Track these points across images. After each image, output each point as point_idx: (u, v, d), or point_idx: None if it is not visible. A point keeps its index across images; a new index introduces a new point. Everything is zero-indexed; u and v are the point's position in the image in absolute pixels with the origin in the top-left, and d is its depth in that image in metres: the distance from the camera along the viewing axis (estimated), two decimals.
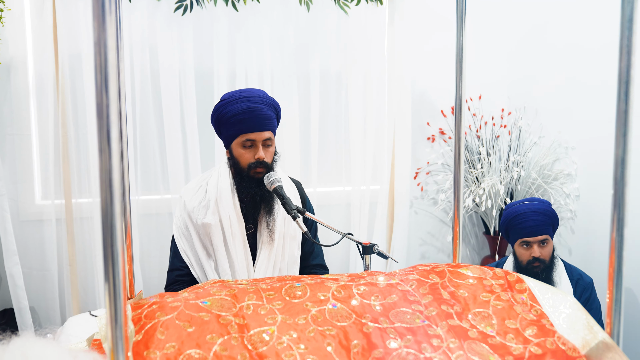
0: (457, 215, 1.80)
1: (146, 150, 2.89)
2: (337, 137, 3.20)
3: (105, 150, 0.90)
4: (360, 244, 1.93)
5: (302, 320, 1.20)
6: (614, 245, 1.15)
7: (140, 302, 1.30)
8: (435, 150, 3.48)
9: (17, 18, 2.62)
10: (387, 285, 1.33)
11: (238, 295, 1.27)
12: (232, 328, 1.16)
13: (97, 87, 0.89)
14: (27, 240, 2.78)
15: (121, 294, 0.93)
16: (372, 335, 1.17)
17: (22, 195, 2.79)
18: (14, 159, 2.76)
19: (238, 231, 2.01)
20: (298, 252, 2.13)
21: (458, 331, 1.21)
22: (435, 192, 3.52)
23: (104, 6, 0.89)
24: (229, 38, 2.86)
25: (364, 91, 3.13)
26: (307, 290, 1.29)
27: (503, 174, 3.28)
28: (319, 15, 2.97)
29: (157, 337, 1.11)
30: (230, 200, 2.01)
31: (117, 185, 0.90)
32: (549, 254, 2.37)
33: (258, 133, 1.96)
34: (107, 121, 0.90)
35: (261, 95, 2.00)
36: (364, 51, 3.08)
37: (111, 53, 0.89)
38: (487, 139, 3.43)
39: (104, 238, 0.92)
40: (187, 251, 2.04)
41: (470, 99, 3.48)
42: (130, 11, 2.71)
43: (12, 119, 2.73)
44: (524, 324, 1.24)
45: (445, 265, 1.46)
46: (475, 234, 3.66)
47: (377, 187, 3.23)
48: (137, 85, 2.79)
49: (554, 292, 1.36)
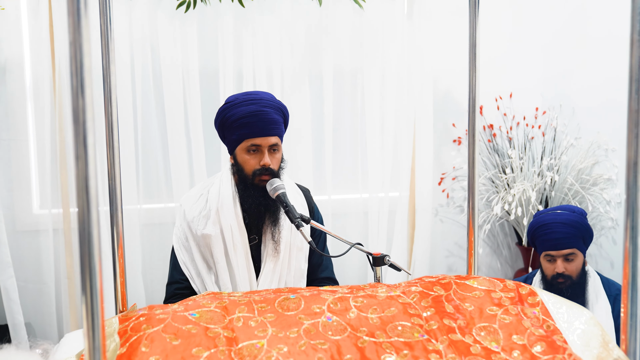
0: (471, 223, 1.84)
1: (148, 156, 2.97)
2: (353, 140, 3.24)
3: (81, 157, 0.96)
4: (371, 255, 1.96)
5: (294, 334, 1.25)
6: (627, 255, 1.18)
7: (129, 315, 1.37)
8: (461, 153, 3.50)
9: (12, 18, 2.74)
10: (387, 297, 1.37)
11: (229, 308, 1.32)
12: (220, 341, 1.22)
13: (73, 91, 0.95)
14: (23, 251, 2.89)
15: (99, 306, 0.99)
16: (366, 349, 1.21)
17: (18, 204, 2.90)
18: (10, 166, 2.87)
19: (240, 243, 2.06)
20: (305, 264, 2.17)
21: (459, 346, 1.24)
22: (463, 199, 3.53)
23: (78, 6, 0.95)
24: (235, 35, 2.93)
25: (382, 90, 3.17)
26: (302, 303, 1.34)
27: (536, 179, 3.29)
28: (332, 10, 3.02)
29: (140, 350, 1.17)
30: (232, 210, 2.06)
31: (94, 193, 0.97)
32: (576, 269, 2.35)
33: (264, 138, 2.02)
34: (83, 127, 0.96)
35: (268, 98, 2.05)
36: (381, 48, 3.13)
37: (86, 56, 0.95)
38: (519, 141, 3.44)
39: (81, 248, 0.97)
40: (187, 263, 2.10)
41: (500, 97, 3.49)
42: (130, 9, 2.81)
43: (7, 124, 2.84)
44: (532, 340, 1.27)
45: (452, 276, 1.49)
46: (508, 245, 3.66)
47: (396, 194, 3.26)
48: (138, 87, 2.88)
49: (570, 307, 1.38)
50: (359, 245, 1.98)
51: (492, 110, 3.50)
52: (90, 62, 0.96)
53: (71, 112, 0.96)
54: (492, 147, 3.46)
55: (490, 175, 3.42)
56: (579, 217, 2.36)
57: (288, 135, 3.07)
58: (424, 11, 3.14)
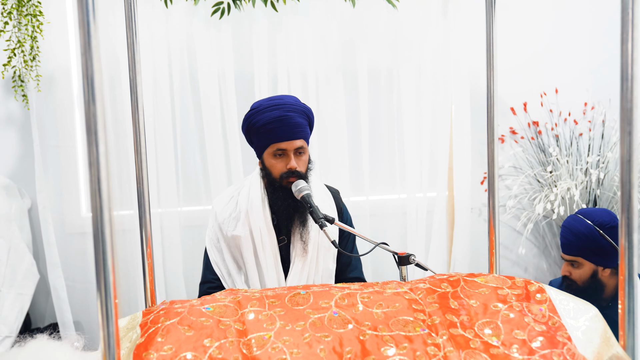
0: (492, 223, 1.90)
1: (187, 160, 3.14)
2: (389, 140, 3.32)
3: (94, 163, 1.10)
4: (396, 254, 2.05)
5: (300, 327, 1.36)
6: (623, 252, 1.23)
7: (151, 309, 1.51)
8: (505, 151, 3.53)
9: (57, 30, 2.96)
10: (394, 293, 1.46)
11: (242, 302, 1.45)
12: (231, 333, 1.34)
13: (85, 101, 1.08)
14: (71, 252, 3.11)
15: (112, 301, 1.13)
16: (367, 342, 1.31)
17: (67, 207, 3.13)
18: (59, 171, 3.10)
19: (268, 243, 2.18)
20: (333, 264, 2.27)
21: (459, 340, 1.32)
22: (507, 197, 3.55)
23: (87, 15, 1.06)
24: (269, 39, 3.07)
25: (418, 89, 3.23)
26: (311, 298, 1.45)
27: (581, 177, 3.28)
28: (365, 10, 3.11)
29: (156, 340, 1.31)
30: (261, 212, 2.19)
31: (106, 197, 1.10)
32: (580, 277, 2.35)
33: (289, 142, 2.13)
34: (95, 135, 1.09)
35: (292, 102, 2.17)
36: (416, 46, 3.19)
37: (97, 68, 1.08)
38: (565, 137, 3.44)
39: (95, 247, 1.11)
40: (219, 263, 2.23)
41: (544, 94, 3.49)
42: (167, 17, 2.99)
43: (56, 131, 3.07)
44: (532, 335, 1.33)
45: (463, 274, 1.57)
46: (557, 245, 3.65)
47: (434, 194, 3.32)
48: (176, 92, 3.05)
49: (577, 303, 1.44)
50: (384, 244, 2.06)
51: (537, 107, 3.51)
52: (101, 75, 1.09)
53: (84, 121, 1.08)
54: (536, 145, 3.47)
55: (535, 174, 3.43)
56: (588, 229, 2.30)
57: (324, 136, 3.19)
58: (459, 8, 3.19)
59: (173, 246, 3.10)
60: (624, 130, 1.22)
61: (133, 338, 1.38)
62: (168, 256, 3.12)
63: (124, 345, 1.38)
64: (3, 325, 2.72)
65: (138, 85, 1.75)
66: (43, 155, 3.03)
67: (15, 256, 2.83)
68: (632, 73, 1.20)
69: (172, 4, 2.91)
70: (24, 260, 2.87)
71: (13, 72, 2.90)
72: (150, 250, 1.81)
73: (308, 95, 3.13)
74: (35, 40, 2.87)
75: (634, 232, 1.22)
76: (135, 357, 1.28)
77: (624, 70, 1.21)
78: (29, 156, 3.05)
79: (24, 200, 3.02)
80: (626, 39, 1.20)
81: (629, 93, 1.21)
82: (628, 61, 1.21)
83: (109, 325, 1.11)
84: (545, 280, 3.65)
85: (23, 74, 2.89)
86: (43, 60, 2.95)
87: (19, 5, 2.80)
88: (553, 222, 3.56)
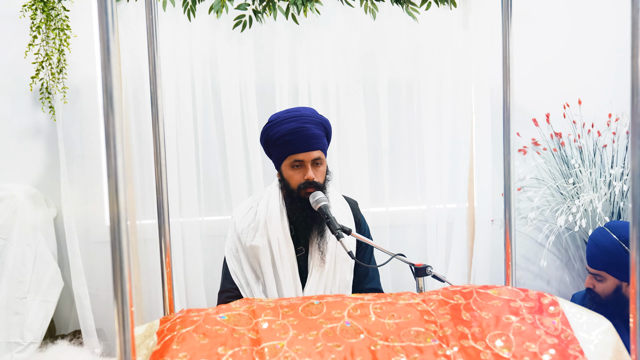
0: (508, 235, 1.90)
1: (209, 170, 3.20)
2: (409, 152, 3.33)
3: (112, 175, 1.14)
4: (413, 266, 2.06)
5: (312, 336, 1.38)
6: (634, 265, 1.23)
7: (168, 317, 1.55)
8: (527, 163, 3.52)
9: (83, 44, 3.04)
10: (406, 305, 1.48)
11: (256, 311, 1.48)
12: (244, 341, 1.37)
13: (105, 111, 1.12)
14: (95, 261, 3.18)
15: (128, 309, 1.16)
16: (378, 352, 1.33)
17: (91, 216, 3.20)
18: (85, 181, 3.17)
19: (286, 254, 2.22)
20: (350, 275, 2.30)
21: (470, 352, 1.33)
22: (529, 209, 3.54)
23: (107, 29, 1.11)
24: (290, 51, 3.12)
25: (438, 101, 3.25)
26: (324, 308, 1.48)
27: (604, 188, 3.26)
28: (386, 22, 3.15)
29: (172, 347, 1.35)
30: (279, 222, 2.22)
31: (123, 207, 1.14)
32: (603, 291, 2.32)
33: (306, 153, 2.17)
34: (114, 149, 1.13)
35: (308, 114, 2.21)
36: (437, 58, 3.21)
37: (116, 83, 1.13)
38: (589, 149, 3.42)
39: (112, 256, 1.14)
40: (237, 273, 2.27)
41: (567, 105, 3.48)
42: (190, 30, 3.05)
43: (82, 141, 3.15)
44: (544, 347, 1.34)
45: (476, 286, 1.58)
46: (580, 258, 3.63)
47: (454, 206, 3.32)
48: (198, 104, 3.11)
49: (590, 316, 1.44)
50: (401, 255, 2.08)
51: (559, 118, 3.49)
52: (120, 87, 1.14)
53: (104, 134, 1.13)
54: (559, 156, 3.45)
55: (557, 185, 3.42)
56: (613, 245, 2.26)
57: (345, 148, 3.22)
58: (480, 21, 3.20)
59: (194, 255, 3.15)
60: (634, 144, 1.22)
61: (150, 345, 1.42)
62: (189, 265, 3.17)
63: (141, 353, 1.42)
64: (28, 332, 2.79)
65: (159, 98, 1.80)
66: (69, 165, 3.11)
67: (40, 264, 2.91)
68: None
69: (195, 17, 2.98)
70: (49, 268, 2.94)
71: (41, 84, 2.99)
72: (169, 259, 1.85)
73: (329, 107, 3.16)
74: (62, 54, 2.96)
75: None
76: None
77: (634, 83, 1.22)
78: (55, 166, 3.13)
79: (50, 209, 3.10)
80: (636, 53, 1.21)
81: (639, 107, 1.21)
82: (638, 74, 1.21)
83: (125, 332, 1.15)
84: (568, 293, 3.62)
85: (50, 86, 2.98)
86: (70, 73, 3.04)
87: (47, 20, 2.89)
88: (576, 235, 3.54)
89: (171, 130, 3.06)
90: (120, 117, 1.12)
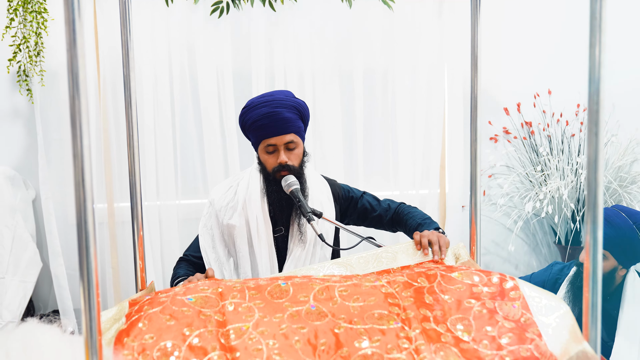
0: (474, 219, 1.91)
1: (186, 154, 3.17)
2: (383, 139, 3.33)
3: (78, 155, 1.12)
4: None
5: (277, 319, 1.38)
6: (588, 248, 1.25)
7: (137, 300, 1.54)
8: (498, 150, 3.54)
9: (61, 27, 2.99)
10: (371, 287, 1.48)
11: (223, 293, 1.47)
12: (211, 323, 1.36)
13: (70, 93, 1.09)
14: (73, 242, 3.14)
15: (94, 291, 1.15)
16: (341, 335, 1.33)
17: (69, 198, 3.16)
18: (62, 163, 3.13)
19: (264, 233, 2.21)
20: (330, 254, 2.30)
21: (431, 334, 1.34)
22: (499, 196, 3.57)
23: (73, 12, 1.08)
24: (267, 38, 3.09)
25: (412, 89, 3.25)
26: (290, 290, 1.47)
27: (570, 176, 3.29)
28: (362, 11, 3.13)
29: (137, 326, 1.33)
30: (258, 202, 2.21)
31: (89, 188, 1.13)
32: None
33: (279, 137, 2.15)
34: (79, 129, 1.11)
35: (281, 98, 2.18)
36: (411, 47, 3.21)
37: (81, 65, 1.10)
38: (557, 138, 3.44)
39: (78, 238, 1.12)
40: (208, 250, 2.25)
41: (537, 95, 3.50)
42: (167, 15, 3.01)
43: (59, 125, 3.10)
44: (502, 331, 1.35)
45: (441, 268, 1.58)
46: (547, 244, 3.67)
47: (426, 192, 3.33)
48: (175, 88, 3.08)
49: (550, 300, 1.45)
50: (371, 238, 2.09)
51: (530, 108, 3.51)
52: (85, 71, 1.11)
53: (69, 115, 1.10)
54: (529, 145, 3.48)
55: (526, 173, 3.44)
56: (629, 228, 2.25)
57: (319, 134, 3.20)
58: (453, 9, 3.20)
59: (171, 238, 3.13)
60: (590, 131, 1.24)
61: (119, 327, 1.41)
62: (166, 248, 3.15)
63: (110, 335, 1.40)
64: (6, 311, 2.76)
65: (132, 81, 1.77)
66: (47, 147, 3.07)
67: (19, 245, 2.88)
68: (599, 76, 1.22)
69: (173, 2, 2.94)
70: (28, 249, 2.91)
71: (18, 67, 2.94)
72: (142, 239, 1.83)
73: (305, 93, 3.15)
74: (40, 37, 2.90)
75: (598, 229, 1.23)
76: (117, 342, 1.31)
77: (591, 73, 1.23)
78: (33, 148, 3.08)
79: (29, 191, 3.06)
80: (594, 43, 1.22)
81: (596, 96, 1.22)
82: (595, 64, 1.22)
83: (91, 311, 1.14)
84: None
85: (28, 69, 2.93)
86: (47, 56, 2.98)
87: (25, 3, 2.83)
88: (544, 221, 3.57)
89: (149, 115, 3.03)
90: (85, 99, 1.10)
